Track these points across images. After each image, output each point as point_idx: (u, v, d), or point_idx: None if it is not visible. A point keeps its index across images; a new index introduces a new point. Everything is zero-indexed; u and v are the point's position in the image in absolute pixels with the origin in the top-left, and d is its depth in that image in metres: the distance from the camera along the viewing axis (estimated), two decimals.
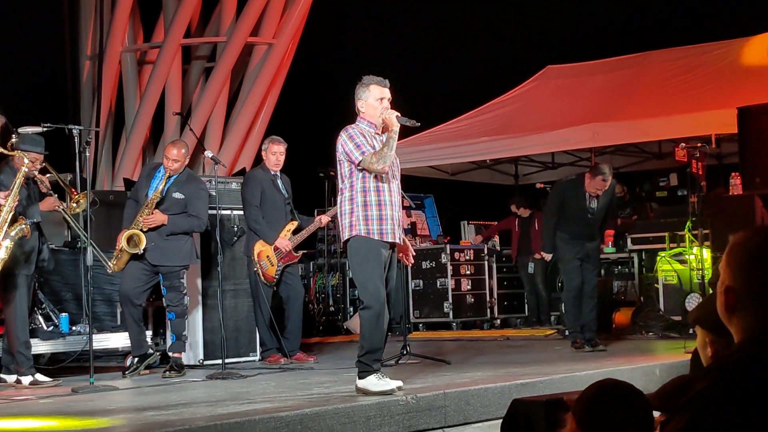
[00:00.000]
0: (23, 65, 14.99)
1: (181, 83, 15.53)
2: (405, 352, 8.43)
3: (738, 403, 1.92)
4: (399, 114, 6.21)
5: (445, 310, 13.16)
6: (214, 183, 8.99)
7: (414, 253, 6.76)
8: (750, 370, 1.97)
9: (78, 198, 8.12)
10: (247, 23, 15.21)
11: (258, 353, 9.35)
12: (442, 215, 15.66)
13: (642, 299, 11.56)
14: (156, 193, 8.15)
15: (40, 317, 8.65)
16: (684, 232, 10.76)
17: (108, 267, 8.23)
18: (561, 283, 13.04)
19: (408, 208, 14.23)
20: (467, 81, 17.93)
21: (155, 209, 8.16)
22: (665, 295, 10.99)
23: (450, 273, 13.16)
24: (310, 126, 15.08)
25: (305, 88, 17.05)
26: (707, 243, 10.09)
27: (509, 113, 13.70)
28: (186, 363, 8.53)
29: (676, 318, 10.66)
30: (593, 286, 9.42)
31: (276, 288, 9.13)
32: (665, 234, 11.21)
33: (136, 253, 8.10)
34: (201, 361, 8.99)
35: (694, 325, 2.71)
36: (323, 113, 12.81)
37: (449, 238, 14.23)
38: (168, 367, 8.22)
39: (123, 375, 8.17)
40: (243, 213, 9.16)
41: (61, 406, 6.37)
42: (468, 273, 13.42)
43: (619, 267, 12.32)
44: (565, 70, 14.34)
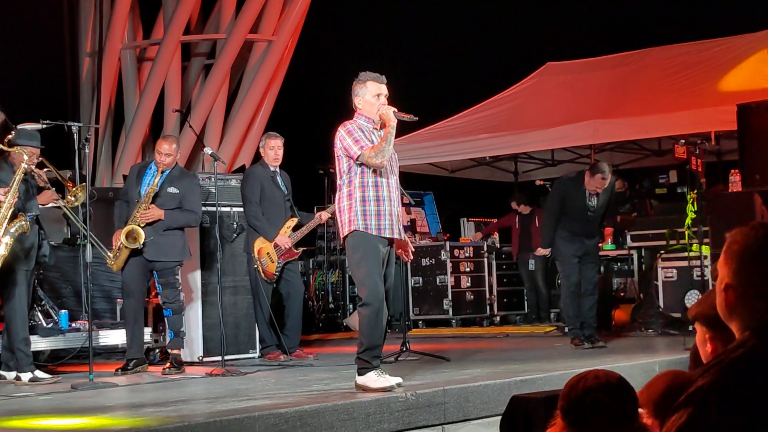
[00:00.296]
0: (23, 62, 14.96)
1: (181, 80, 15.50)
2: (404, 348, 8.44)
3: (740, 399, 1.92)
4: (396, 110, 6.22)
5: (445, 307, 13.16)
6: (213, 180, 8.99)
7: (413, 249, 6.76)
8: (752, 365, 1.96)
9: (76, 191, 8.10)
10: (247, 20, 15.19)
11: (257, 350, 9.35)
12: (441, 212, 15.66)
13: (641, 296, 11.56)
14: (152, 187, 8.15)
15: (39, 314, 8.65)
16: (683, 229, 10.76)
17: (107, 258, 8.23)
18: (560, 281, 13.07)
19: (407, 205, 14.21)
20: (467, 78, 17.91)
21: (151, 204, 8.17)
22: (664, 292, 11.00)
23: (449, 270, 13.16)
24: (309, 123, 15.06)
25: (305, 85, 17.03)
26: (707, 240, 10.08)
27: (509, 110, 13.69)
28: (185, 360, 8.54)
29: (675, 315, 10.66)
30: (594, 283, 9.43)
31: (276, 285, 9.13)
32: (665, 231, 11.20)
33: (134, 249, 8.11)
34: (200, 358, 8.99)
35: (693, 322, 2.70)
36: (323, 110, 12.79)
37: (449, 235, 14.23)
38: (167, 364, 8.23)
39: (115, 372, 8.17)
40: (243, 210, 9.15)
41: (61, 402, 6.37)
42: (467, 270, 13.42)
43: (619, 264, 12.33)
44: (565, 66, 14.32)
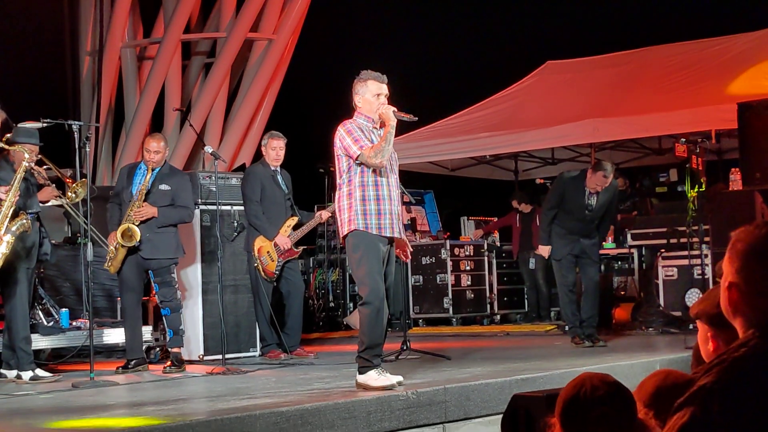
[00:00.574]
0: (23, 61, 14.97)
1: (181, 79, 15.50)
2: (405, 347, 8.44)
3: (743, 398, 1.92)
4: (396, 109, 6.22)
5: (445, 305, 13.16)
6: (214, 179, 9.00)
7: (411, 250, 6.76)
8: (755, 364, 1.96)
9: (76, 187, 8.10)
10: (247, 19, 15.19)
11: (258, 348, 9.36)
12: (442, 211, 15.66)
13: (642, 295, 11.56)
14: (143, 185, 8.18)
15: (40, 312, 8.65)
16: (684, 227, 10.75)
17: (108, 248, 8.23)
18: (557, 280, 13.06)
19: (408, 203, 14.23)
20: (467, 76, 17.92)
21: (144, 202, 8.19)
22: (665, 291, 11.00)
23: (450, 269, 13.16)
24: (309, 121, 15.06)
25: (305, 83, 17.03)
26: (707, 239, 10.08)
27: (509, 109, 13.68)
28: (185, 358, 8.55)
29: (676, 313, 10.66)
30: (595, 282, 9.41)
31: (276, 283, 9.14)
32: (665, 229, 11.21)
33: (131, 247, 8.13)
34: (201, 357, 9.00)
35: (695, 320, 2.70)
36: (323, 109, 12.80)
37: (449, 233, 14.22)
38: (168, 363, 8.24)
39: (116, 371, 8.18)
40: (243, 208, 9.16)
41: (62, 401, 6.38)
42: (468, 269, 13.42)
43: (619, 263, 12.33)
44: (565, 65, 14.32)
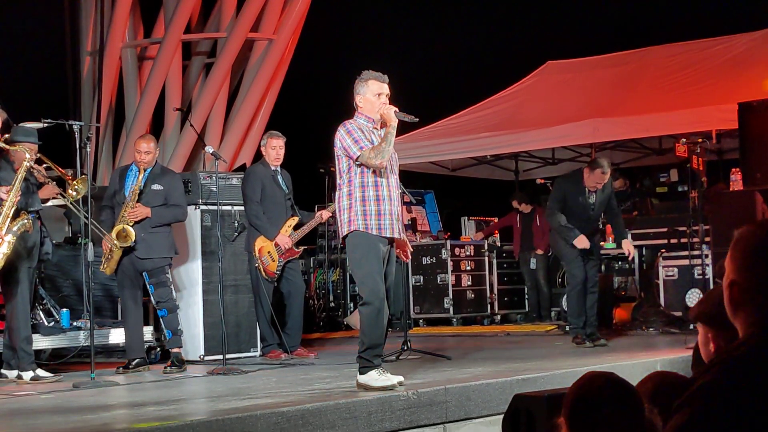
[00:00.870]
0: (24, 61, 14.98)
1: (182, 79, 15.50)
2: (406, 347, 8.44)
3: (743, 397, 1.91)
4: (397, 109, 6.21)
5: (446, 305, 13.16)
6: (214, 179, 9.00)
7: (411, 250, 6.76)
8: (755, 363, 1.96)
9: (76, 184, 8.10)
10: (248, 19, 15.19)
11: (259, 349, 9.36)
12: (442, 211, 15.66)
13: (642, 295, 11.56)
14: (136, 185, 8.21)
15: (41, 313, 8.66)
16: (684, 227, 10.75)
17: (109, 241, 8.23)
18: (561, 279, 13.05)
19: (408, 203, 14.23)
20: (468, 76, 17.92)
21: (138, 203, 8.21)
22: (665, 291, 11.00)
23: (450, 269, 13.16)
24: (310, 121, 15.05)
25: (305, 83, 17.03)
26: (707, 239, 10.08)
27: (510, 109, 13.69)
28: (186, 358, 8.55)
29: (676, 313, 10.66)
30: (595, 281, 9.42)
31: (277, 284, 9.14)
32: (665, 229, 11.20)
33: (127, 248, 8.14)
34: (202, 357, 9.00)
35: (695, 321, 2.70)
36: (323, 109, 12.79)
37: (449, 233, 14.23)
38: (168, 363, 8.24)
39: (116, 371, 8.19)
40: (244, 209, 9.16)
41: (63, 401, 6.38)
42: (468, 269, 13.42)
43: (620, 262, 12.32)
44: (566, 65, 14.32)
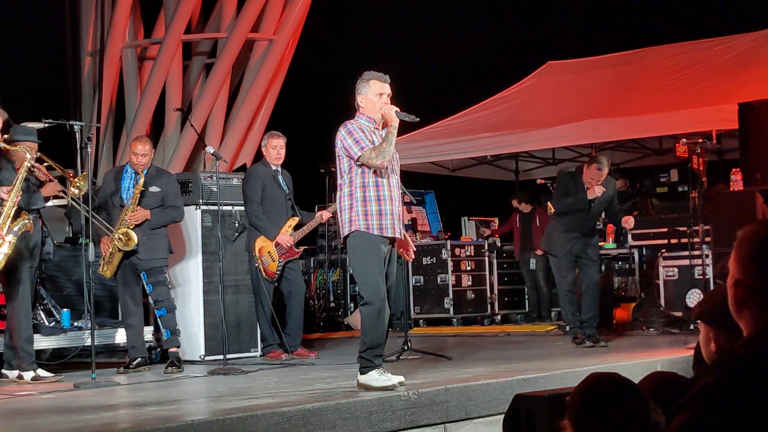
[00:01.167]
0: (24, 62, 14.98)
1: (182, 79, 15.50)
2: (406, 347, 8.45)
3: (745, 396, 1.91)
4: (398, 109, 6.22)
5: (446, 306, 13.16)
6: (215, 179, 9.01)
7: (414, 249, 6.76)
8: (758, 362, 1.96)
9: (77, 181, 8.10)
10: (248, 19, 15.19)
11: (259, 349, 9.36)
12: (442, 211, 15.66)
13: (643, 295, 11.56)
14: (138, 188, 8.22)
15: (41, 313, 8.66)
16: (685, 227, 10.75)
17: (110, 236, 8.24)
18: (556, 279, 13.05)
19: (409, 204, 14.23)
20: (468, 77, 17.92)
21: (137, 206, 8.23)
22: (666, 291, 11.00)
23: (450, 269, 13.16)
24: (310, 122, 15.06)
25: (306, 84, 17.03)
26: (708, 239, 10.08)
27: (510, 109, 13.69)
28: (186, 359, 8.56)
29: (676, 313, 10.66)
30: (595, 281, 9.39)
31: (277, 284, 9.14)
32: (666, 230, 11.20)
33: (128, 251, 8.15)
34: (202, 357, 9.00)
35: (697, 321, 2.70)
36: (324, 109, 12.80)
37: (450, 234, 14.23)
38: (168, 363, 8.25)
39: (117, 370, 8.20)
40: (244, 209, 9.17)
41: (63, 401, 6.39)
42: (468, 269, 13.42)
43: (620, 263, 12.33)
44: (566, 65, 14.32)
